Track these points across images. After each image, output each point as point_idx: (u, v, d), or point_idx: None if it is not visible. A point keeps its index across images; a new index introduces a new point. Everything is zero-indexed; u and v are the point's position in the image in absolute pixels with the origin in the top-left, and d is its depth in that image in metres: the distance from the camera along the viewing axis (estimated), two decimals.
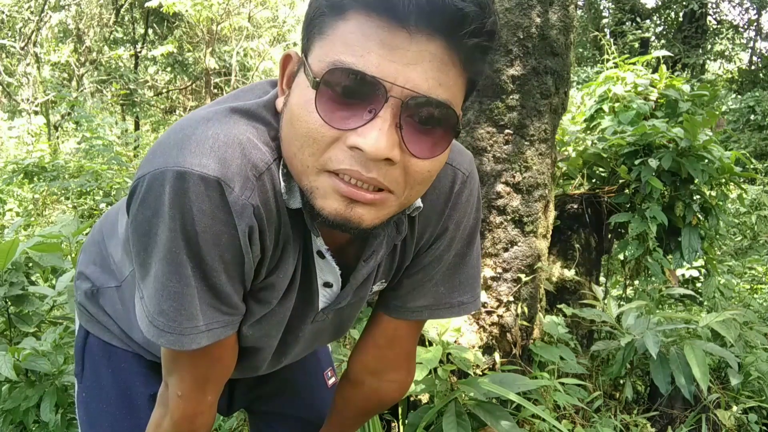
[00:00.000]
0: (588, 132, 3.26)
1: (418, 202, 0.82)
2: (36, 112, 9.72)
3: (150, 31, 13.21)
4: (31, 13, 10.68)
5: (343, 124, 0.64)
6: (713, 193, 2.92)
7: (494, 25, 0.65)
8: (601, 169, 3.05)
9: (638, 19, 14.62)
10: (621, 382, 2.39)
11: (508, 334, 2.11)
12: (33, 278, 2.27)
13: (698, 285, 3.78)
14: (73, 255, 2.14)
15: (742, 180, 4.01)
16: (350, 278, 0.86)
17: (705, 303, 3.55)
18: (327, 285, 0.86)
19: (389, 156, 0.63)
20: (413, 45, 0.62)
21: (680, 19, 14.96)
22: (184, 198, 0.66)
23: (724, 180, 2.89)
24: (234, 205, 0.67)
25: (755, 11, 16.27)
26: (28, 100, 10.12)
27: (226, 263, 0.72)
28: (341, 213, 0.67)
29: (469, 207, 0.90)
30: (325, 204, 0.67)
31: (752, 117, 11.46)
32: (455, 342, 2.01)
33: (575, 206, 2.80)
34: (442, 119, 0.66)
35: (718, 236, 3.20)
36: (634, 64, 3.37)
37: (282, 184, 0.72)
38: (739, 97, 12.44)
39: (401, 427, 1.96)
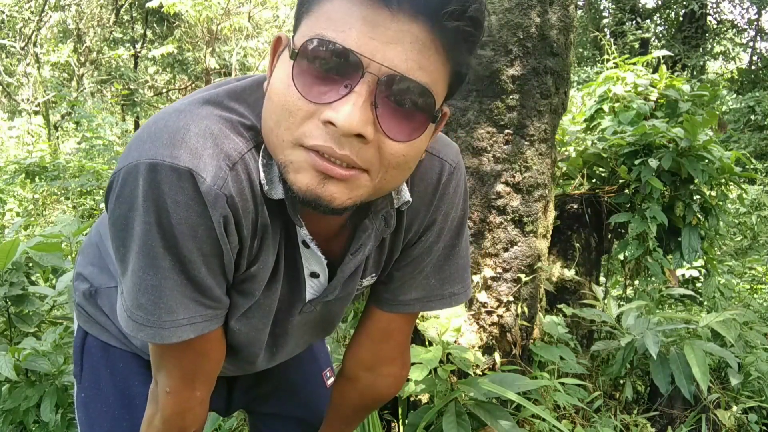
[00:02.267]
0: (588, 132, 3.26)
1: (407, 196, 0.81)
2: (36, 112, 9.72)
3: (150, 31, 13.22)
4: (32, 13, 10.68)
5: (319, 98, 0.64)
6: (713, 193, 2.92)
7: (478, 13, 0.64)
8: (601, 169, 3.05)
9: (638, 19, 14.62)
10: (621, 382, 2.39)
11: (508, 334, 2.11)
12: (33, 278, 2.27)
13: (698, 285, 3.78)
14: (73, 255, 2.14)
15: (742, 180, 4.01)
16: (337, 271, 0.86)
17: (705, 303, 3.55)
18: (314, 275, 0.86)
19: (361, 132, 0.63)
20: (394, 24, 0.62)
21: (680, 19, 14.96)
22: (157, 190, 0.66)
23: (724, 180, 2.89)
24: (207, 195, 0.67)
25: (755, 11, 16.27)
26: (28, 100, 10.12)
27: (204, 255, 0.71)
28: (312, 189, 0.66)
29: (457, 198, 0.90)
30: (297, 178, 0.67)
31: (752, 117, 11.46)
32: (455, 342, 2.01)
33: (575, 206, 2.80)
34: (419, 102, 0.66)
35: (718, 236, 3.20)
36: (634, 64, 3.37)
37: (262, 175, 0.72)
38: (739, 97, 12.44)
39: (401, 427, 1.96)
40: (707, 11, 14.72)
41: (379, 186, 0.71)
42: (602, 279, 3.17)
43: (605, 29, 14.98)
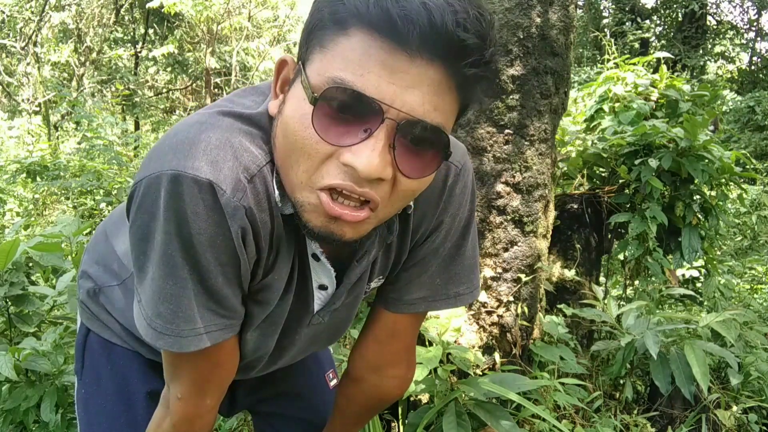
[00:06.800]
0: (588, 132, 3.26)
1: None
2: (36, 112, 9.72)
3: (150, 31, 13.21)
4: (32, 13, 10.68)
5: (338, 140, 0.65)
6: (713, 193, 2.92)
7: (493, 56, 0.66)
8: (601, 169, 3.05)
9: (638, 20, 14.62)
10: (621, 382, 2.39)
11: (508, 334, 2.11)
12: (33, 278, 2.27)
13: (698, 285, 3.78)
14: (73, 255, 2.14)
15: (742, 180, 4.01)
16: (343, 278, 0.86)
17: (705, 303, 3.55)
18: (322, 287, 0.87)
19: (381, 176, 0.65)
20: (413, 68, 0.63)
21: (680, 19, 14.96)
22: (178, 201, 0.67)
23: (724, 180, 2.89)
24: (226, 207, 0.68)
25: (755, 11, 16.27)
26: (28, 100, 10.11)
27: (222, 265, 0.72)
28: (326, 226, 0.70)
29: (464, 199, 0.90)
30: (311, 218, 0.70)
31: (752, 117, 11.46)
32: (455, 342, 2.01)
33: (575, 206, 2.80)
34: (434, 142, 0.68)
35: (718, 236, 3.20)
36: (634, 64, 3.37)
37: (276, 192, 0.73)
38: (739, 97, 12.45)
39: (401, 427, 1.96)
40: (707, 11, 14.72)
41: (383, 216, 0.74)
42: (602, 279, 3.17)
43: (605, 29, 14.98)
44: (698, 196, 2.88)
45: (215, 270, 0.72)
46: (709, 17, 15.15)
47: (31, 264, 2.11)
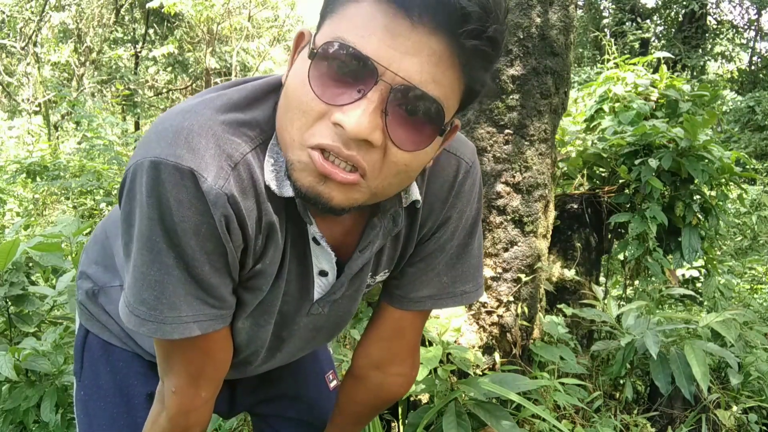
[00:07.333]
0: (588, 132, 3.26)
1: (415, 195, 0.82)
2: (36, 112, 9.72)
3: (150, 31, 13.22)
4: (32, 13, 10.69)
5: (332, 99, 0.65)
6: (713, 193, 2.93)
7: (498, 33, 0.65)
8: (601, 169, 3.05)
9: (638, 20, 14.63)
10: (621, 382, 2.39)
11: (508, 334, 2.11)
12: (33, 278, 2.27)
13: (698, 285, 3.78)
14: (73, 255, 2.14)
15: (742, 180, 4.01)
16: (345, 268, 0.86)
17: (705, 303, 3.55)
18: (322, 274, 0.87)
19: (369, 138, 0.64)
20: (414, 35, 0.63)
21: (680, 19, 14.96)
22: (160, 188, 0.67)
23: (724, 180, 2.89)
24: (208, 194, 0.68)
25: (755, 11, 16.28)
26: (28, 100, 10.12)
27: (208, 253, 0.73)
28: (313, 187, 0.68)
29: (472, 196, 0.91)
30: (300, 176, 0.69)
31: (752, 117, 11.46)
32: (455, 342, 2.01)
33: (575, 206, 2.80)
34: (429, 115, 0.67)
35: (718, 236, 3.20)
36: (634, 64, 3.38)
37: (268, 174, 0.73)
38: (739, 97, 12.45)
39: (401, 427, 1.96)
40: (707, 11, 14.73)
41: (376, 191, 0.72)
42: (602, 279, 3.17)
43: (605, 29, 14.99)
44: (698, 196, 2.88)
45: (201, 258, 0.72)
46: (709, 17, 15.16)
47: (31, 264, 2.11)
